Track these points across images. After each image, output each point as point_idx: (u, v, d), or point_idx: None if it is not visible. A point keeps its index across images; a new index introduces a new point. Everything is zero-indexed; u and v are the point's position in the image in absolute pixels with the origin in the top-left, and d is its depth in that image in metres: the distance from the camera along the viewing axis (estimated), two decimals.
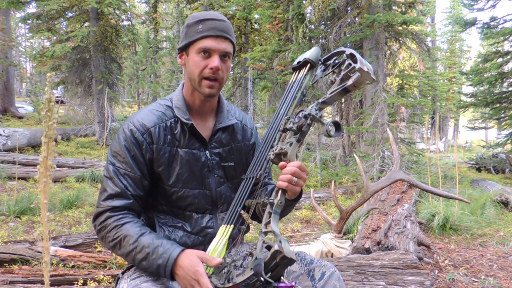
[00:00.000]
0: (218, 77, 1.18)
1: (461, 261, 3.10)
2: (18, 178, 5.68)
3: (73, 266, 2.64)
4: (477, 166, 9.55)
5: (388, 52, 7.71)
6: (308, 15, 7.96)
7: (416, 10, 7.97)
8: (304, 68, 1.19)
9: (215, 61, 1.16)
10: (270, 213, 1.05)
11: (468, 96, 9.82)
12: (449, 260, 3.09)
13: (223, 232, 1.12)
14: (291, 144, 1.09)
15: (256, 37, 12.29)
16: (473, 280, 2.69)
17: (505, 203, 4.91)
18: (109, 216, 1.13)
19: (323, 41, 7.61)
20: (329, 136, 1.04)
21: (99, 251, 3.04)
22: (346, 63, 1.08)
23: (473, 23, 8.68)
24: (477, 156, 10.23)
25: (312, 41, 8.02)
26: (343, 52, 1.12)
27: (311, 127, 1.08)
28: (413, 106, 6.87)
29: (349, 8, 7.68)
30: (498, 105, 8.83)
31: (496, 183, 6.47)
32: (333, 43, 7.28)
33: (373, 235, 2.95)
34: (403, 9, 7.43)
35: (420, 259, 2.77)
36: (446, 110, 20.45)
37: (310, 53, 1.18)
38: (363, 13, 7.00)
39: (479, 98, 9.04)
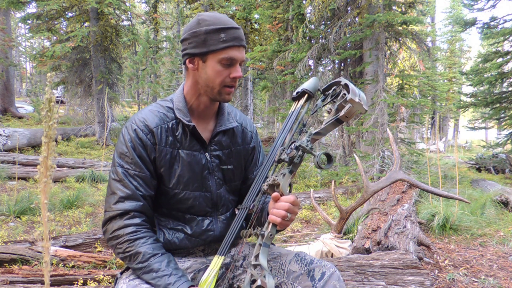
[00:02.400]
0: (236, 84, 1.21)
1: (461, 261, 3.10)
2: (18, 178, 5.68)
3: (73, 266, 2.64)
4: (477, 166, 9.55)
5: (388, 52, 7.71)
6: (308, 15, 7.97)
7: (416, 10, 7.97)
8: (302, 99, 1.19)
9: (239, 70, 1.18)
10: (260, 245, 1.07)
11: (468, 96, 9.82)
12: (449, 260, 3.09)
13: (215, 263, 1.13)
14: (283, 175, 1.09)
15: (256, 37, 12.30)
16: (473, 280, 2.69)
17: (505, 203, 4.91)
18: (122, 225, 1.12)
19: (323, 41, 7.61)
20: (320, 168, 1.05)
21: (99, 251, 3.04)
22: (341, 93, 1.10)
23: (473, 23, 8.68)
24: (477, 156, 10.23)
25: (312, 41, 8.02)
26: (340, 82, 1.14)
27: (303, 157, 1.09)
28: (413, 106, 6.87)
29: (349, 8, 7.68)
30: (498, 105, 8.83)
31: (496, 183, 6.47)
32: (333, 43, 7.28)
33: (373, 235, 2.95)
34: (403, 9, 7.43)
35: (420, 259, 2.77)
36: (446, 110, 20.47)
37: (308, 84, 1.18)
38: (363, 13, 7.00)
39: (479, 98, 9.04)
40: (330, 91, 1.18)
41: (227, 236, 1.16)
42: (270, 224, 1.09)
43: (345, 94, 1.09)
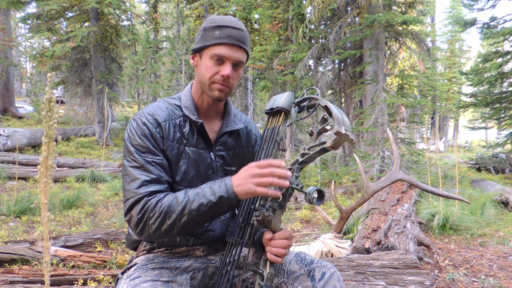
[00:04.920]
0: (228, 84, 1.19)
1: (461, 261, 3.10)
2: (18, 178, 5.68)
3: (73, 266, 2.64)
4: (477, 166, 9.56)
5: (388, 52, 7.71)
6: (308, 15, 7.97)
7: (416, 10, 7.97)
8: (277, 116, 1.16)
9: (227, 69, 1.16)
10: (261, 287, 1.06)
11: (468, 96, 9.83)
12: (449, 260, 3.09)
13: None
14: (274, 211, 1.06)
15: (256, 37, 12.30)
16: (473, 280, 2.69)
17: (505, 203, 4.91)
18: (147, 200, 1.07)
19: (323, 41, 7.61)
20: (311, 204, 1.03)
21: (99, 251, 3.04)
22: (322, 115, 1.08)
23: (473, 23, 8.68)
24: (477, 156, 10.23)
25: (312, 41, 8.02)
26: (317, 99, 1.11)
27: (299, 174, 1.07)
28: (413, 106, 6.87)
29: (349, 8, 7.68)
30: (498, 105, 8.83)
31: (496, 183, 6.47)
32: (333, 43, 7.28)
33: (373, 235, 2.95)
34: (403, 9, 7.44)
35: (420, 259, 2.77)
36: (446, 110, 20.46)
37: (283, 101, 1.13)
38: (363, 13, 7.01)
39: (479, 98, 9.04)
40: (305, 103, 1.16)
41: (221, 276, 1.10)
42: (268, 263, 1.06)
43: (326, 117, 1.05)
